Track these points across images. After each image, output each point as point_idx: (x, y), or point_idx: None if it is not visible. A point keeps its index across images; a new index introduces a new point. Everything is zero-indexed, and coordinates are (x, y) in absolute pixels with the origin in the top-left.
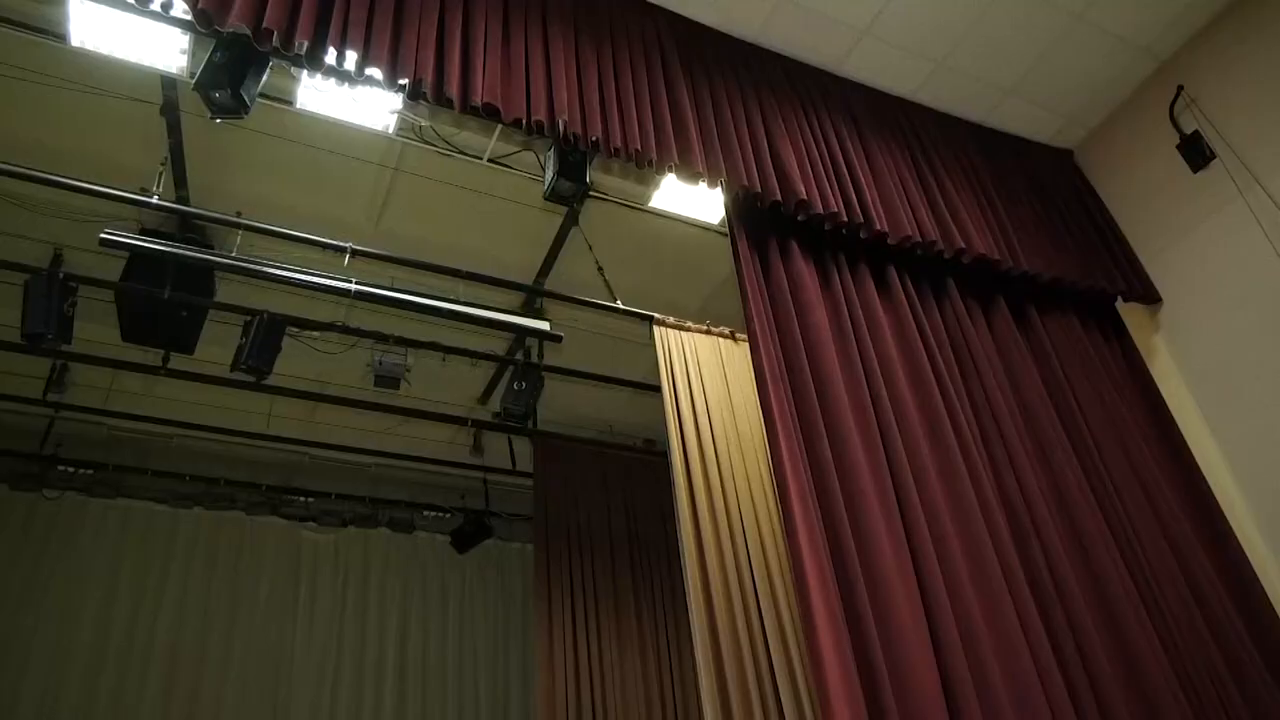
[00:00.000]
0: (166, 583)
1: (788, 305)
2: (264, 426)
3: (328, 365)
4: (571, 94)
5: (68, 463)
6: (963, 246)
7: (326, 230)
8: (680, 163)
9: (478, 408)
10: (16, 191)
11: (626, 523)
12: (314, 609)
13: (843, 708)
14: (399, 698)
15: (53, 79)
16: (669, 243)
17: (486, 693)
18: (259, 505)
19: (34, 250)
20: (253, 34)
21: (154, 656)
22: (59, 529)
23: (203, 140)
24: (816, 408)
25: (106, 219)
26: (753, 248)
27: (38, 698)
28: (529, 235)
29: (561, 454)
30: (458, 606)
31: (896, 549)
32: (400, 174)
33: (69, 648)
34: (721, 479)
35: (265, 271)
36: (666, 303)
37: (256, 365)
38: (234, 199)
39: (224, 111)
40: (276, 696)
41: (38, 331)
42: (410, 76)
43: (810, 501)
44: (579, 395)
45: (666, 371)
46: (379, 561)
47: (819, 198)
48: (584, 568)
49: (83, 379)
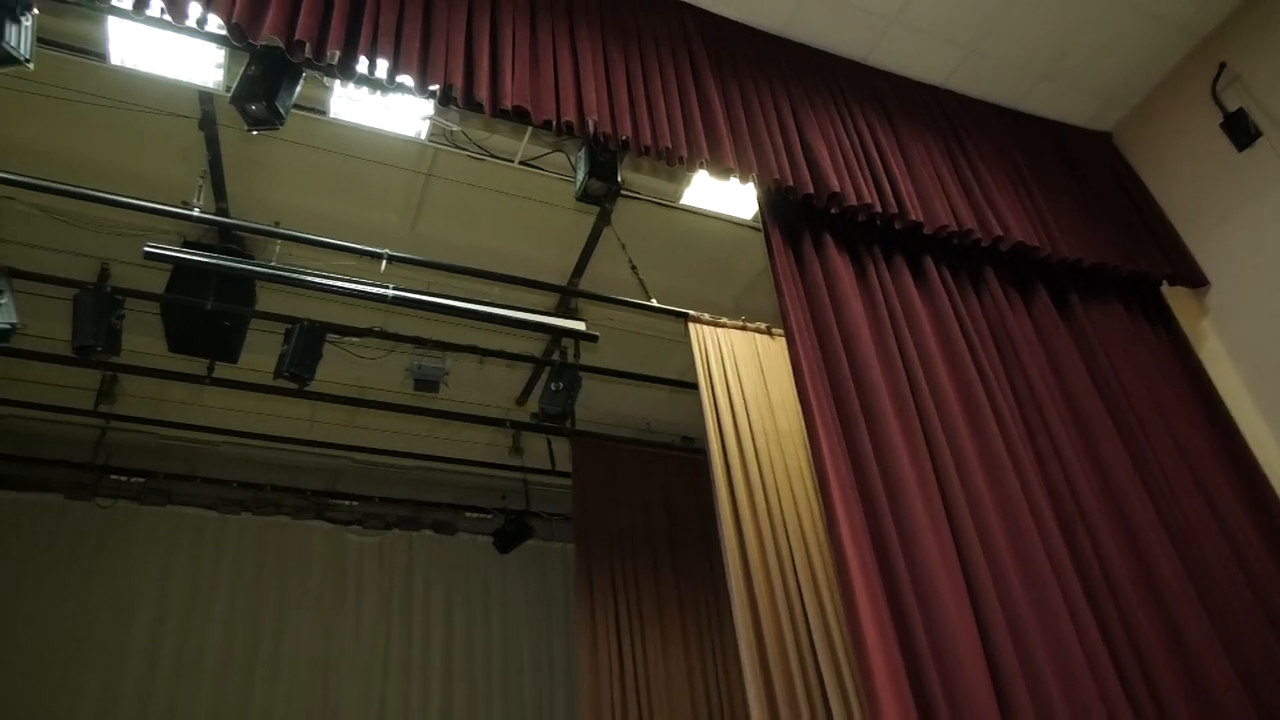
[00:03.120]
0: (217, 587)
1: (823, 299)
2: (307, 432)
3: (368, 371)
4: (600, 94)
5: (119, 471)
6: (1000, 234)
7: (363, 237)
8: (711, 159)
9: (516, 409)
10: (64, 209)
11: (666, 521)
12: (360, 611)
13: (890, 702)
14: (445, 698)
15: (94, 98)
16: (702, 239)
17: (531, 693)
18: (304, 510)
19: (82, 265)
20: (285, 46)
21: (206, 659)
22: (112, 536)
23: (240, 152)
24: (855, 400)
25: (150, 233)
26: (786, 242)
27: (97, 699)
28: (562, 236)
29: (600, 453)
30: (501, 607)
31: (939, 540)
32: (433, 179)
33: (125, 651)
34: (761, 475)
35: (304, 280)
36: (701, 300)
37: (298, 372)
38: (272, 209)
39: (260, 123)
40: (326, 698)
41: (87, 344)
42: (440, 82)
43: (851, 494)
44: (616, 394)
45: (703, 369)
46: (423, 563)
47: (852, 189)
48: (625, 567)
49: (132, 390)
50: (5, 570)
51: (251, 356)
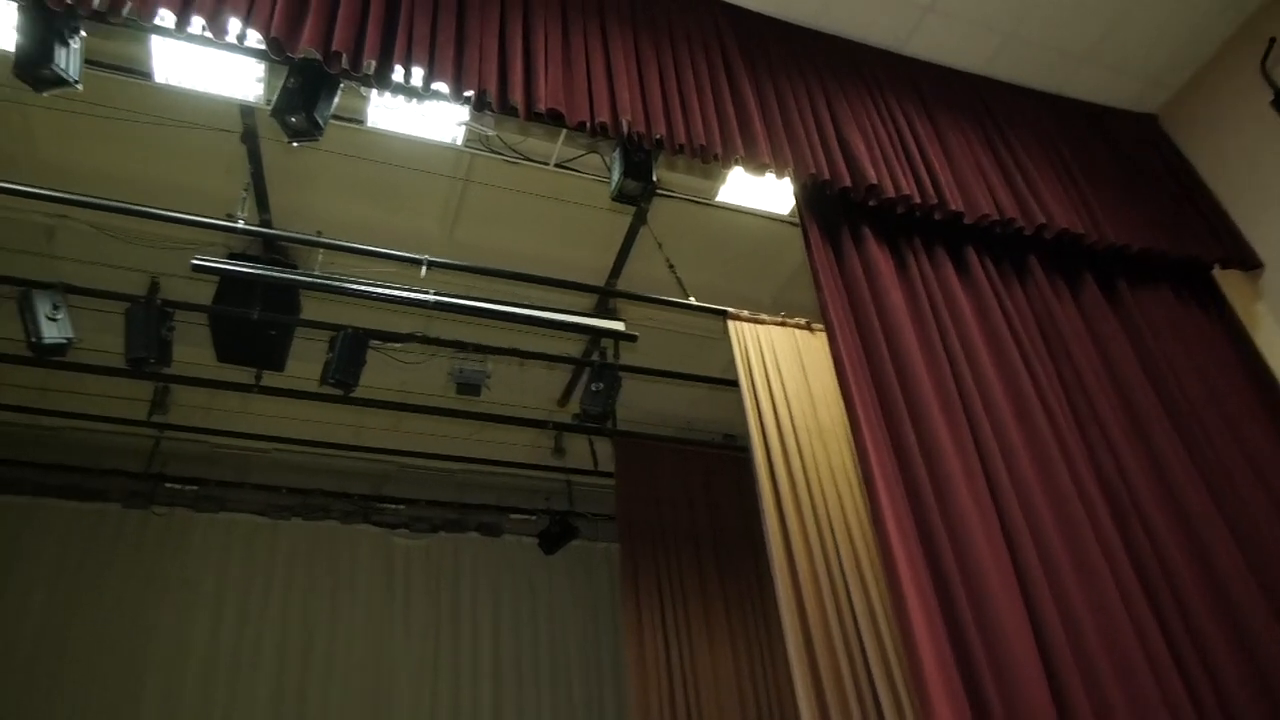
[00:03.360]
0: (270, 591)
1: (863, 292)
2: (353, 437)
3: (411, 375)
4: (633, 93)
5: (173, 480)
6: (1044, 222)
7: (402, 244)
8: (746, 155)
9: (557, 410)
10: (113, 225)
11: (710, 519)
12: (410, 613)
13: (942, 701)
14: (495, 699)
15: (140, 116)
16: (739, 236)
17: (580, 693)
18: (352, 514)
19: (132, 280)
20: (323, 57)
21: (262, 662)
22: (169, 543)
23: (282, 164)
24: (898, 394)
25: (197, 246)
26: (824, 236)
27: (160, 703)
28: (599, 237)
29: (642, 453)
30: (547, 608)
31: (989, 534)
32: (470, 184)
33: (185, 655)
34: (805, 471)
35: (346, 288)
36: (740, 296)
37: (343, 379)
38: (314, 219)
39: (300, 135)
40: (378, 699)
41: (140, 356)
42: (475, 88)
43: (897, 489)
44: (657, 394)
45: (744, 366)
46: (469, 565)
47: (890, 181)
48: (670, 566)
49: (183, 399)
50: (68, 579)
51: (297, 364)
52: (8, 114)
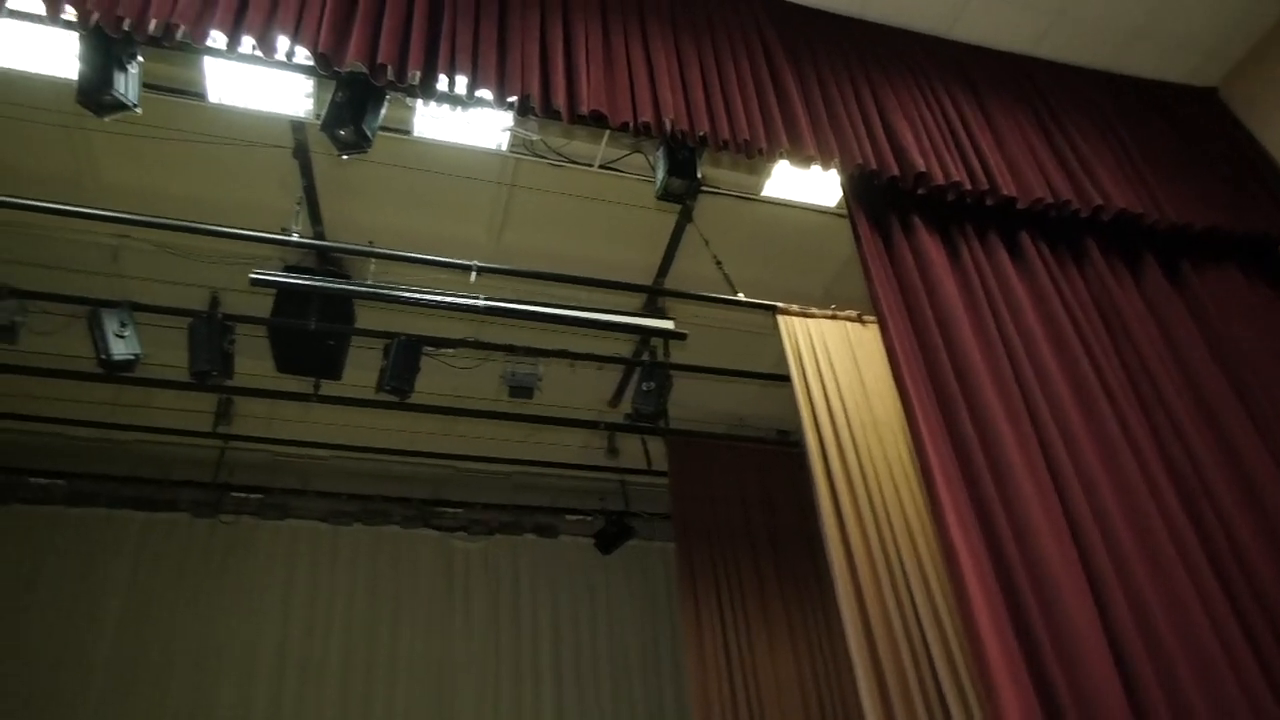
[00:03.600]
0: (335, 596)
1: (915, 282)
2: (410, 443)
3: (464, 380)
4: (675, 92)
5: (239, 489)
6: (1100, 203)
7: (451, 250)
8: (791, 148)
9: (609, 411)
10: (174, 243)
11: (765, 516)
12: (470, 615)
13: (1010, 696)
14: (557, 699)
15: (196, 135)
16: (786, 230)
17: (641, 692)
18: (412, 519)
19: (194, 295)
20: (369, 70)
21: (329, 666)
22: (237, 551)
23: (333, 177)
24: (954, 384)
25: (254, 260)
26: (873, 226)
27: (231, 708)
28: (645, 236)
29: (695, 451)
30: (606, 608)
31: (1052, 523)
32: (516, 189)
33: (254, 661)
34: (861, 465)
35: (399, 296)
36: (789, 291)
37: (399, 385)
38: (365, 229)
39: (349, 147)
40: (442, 701)
41: (203, 369)
42: (518, 93)
43: (956, 481)
44: (708, 391)
45: (795, 360)
46: (527, 567)
47: (939, 168)
48: (726, 564)
49: (245, 410)
50: (142, 587)
51: (354, 372)
52: (72, 139)
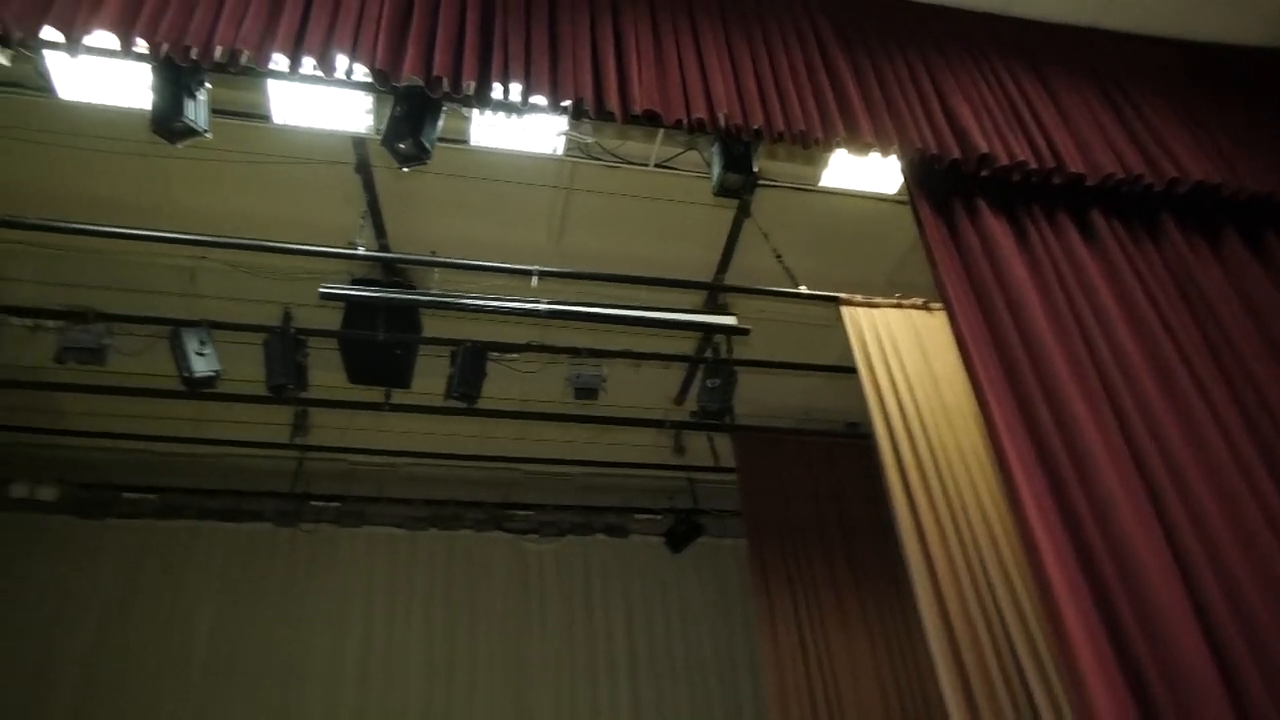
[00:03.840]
0: (413, 600)
1: (982, 267)
2: (480, 448)
3: (530, 384)
4: (728, 86)
5: (317, 498)
6: (1175, 175)
7: (512, 256)
8: (848, 136)
9: (675, 409)
10: (247, 261)
11: (837, 510)
12: (545, 616)
13: (1099, 687)
14: (634, 697)
15: (263, 157)
16: (846, 220)
17: (717, 688)
18: (485, 522)
19: (267, 311)
20: (425, 83)
21: (411, 669)
22: (318, 559)
23: (394, 190)
24: (1027, 370)
25: (323, 274)
26: (936, 212)
27: (321, 708)
28: (703, 233)
29: (763, 446)
30: (679, 606)
31: (1137, 509)
32: (573, 192)
33: (340, 664)
34: (933, 454)
35: (463, 303)
36: (852, 281)
37: (466, 392)
38: (428, 239)
39: (409, 160)
40: (521, 701)
41: (280, 383)
42: (571, 97)
43: (1034, 468)
44: (774, 386)
45: (861, 351)
46: (599, 567)
47: (1002, 149)
48: (799, 559)
49: (321, 421)
50: (231, 596)
51: (423, 380)
52: (149, 167)
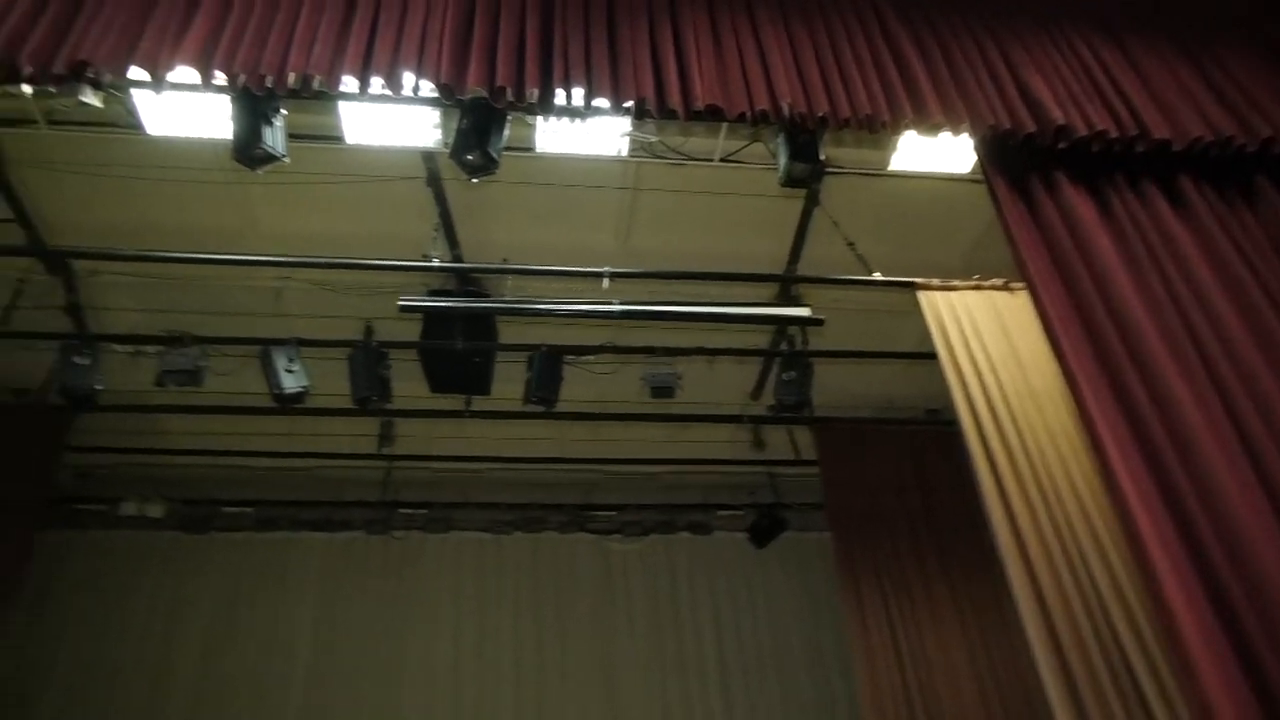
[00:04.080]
0: (502, 603)
1: (1064, 242)
2: (560, 450)
3: (606, 385)
4: (790, 76)
5: (406, 505)
6: (1270, 135)
7: (583, 259)
8: (916, 117)
9: (752, 404)
10: (329, 279)
11: (923, 499)
12: (632, 615)
13: (1215, 682)
14: (725, 694)
15: (338, 177)
16: (918, 202)
17: (809, 683)
18: (568, 524)
19: (349, 326)
20: (489, 94)
21: (502, 670)
22: (408, 565)
23: (465, 201)
24: (1118, 346)
25: (400, 287)
26: (1013, 188)
27: (418, 712)
28: (772, 225)
29: (844, 437)
30: (766, 601)
31: (1244, 491)
32: (640, 192)
33: (434, 668)
34: (1022, 439)
35: (537, 308)
36: (927, 265)
37: (544, 396)
38: (500, 247)
39: (478, 171)
40: (612, 700)
41: (365, 395)
42: (633, 98)
43: (1130, 449)
44: (851, 375)
45: (940, 336)
46: (684, 565)
47: (1080, 119)
48: (886, 550)
49: (405, 431)
50: (329, 604)
51: (502, 386)
52: (232, 195)
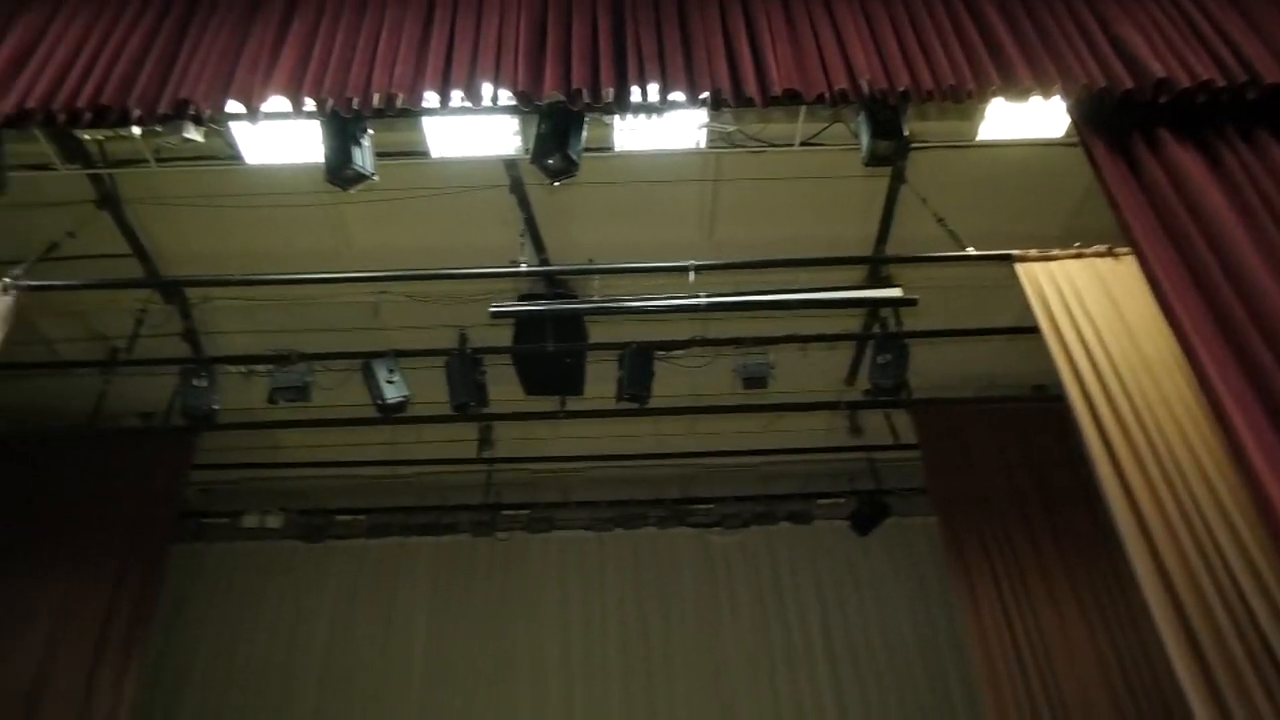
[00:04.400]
0: (606, 600)
1: (1171, 201)
2: (657, 446)
3: (698, 379)
4: (868, 51)
5: (508, 507)
6: None
7: (668, 254)
8: (1003, 84)
9: (847, 390)
10: (421, 291)
11: (1032, 478)
12: (737, 607)
13: None
14: (834, 683)
15: (425, 191)
16: (1011, 172)
17: (921, 670)
18: (668, 519)
19: (443, 336)
20: (566, 97)
21: (610, 665)
22: (514, 565)
23: (548, 205)
24: (1237, 308)
25: (491, 294)
26: (1112, 149)
27: (530, 709)
28: (858, 206)
29: (945, 419)
30: (872, 589)
31: None
32: (720, 183)
33: (544, 666)
34: (1135, 410)
35: (625, 306)
36: (1024, 236)
37: (636, 393)
38: (585, 248)
39: (559, 174)
40: (720, 692)
41: (463, 401)
42: (709, 89)
43: (1257, 416)
44: (949, 355)
45: (1042, 309)
46: (786, 555)
47: (1182, 70)
48: (996, 532)
49: (504, 434)
50: (440, 606)
51: (594, 386)
52: (327, 215)
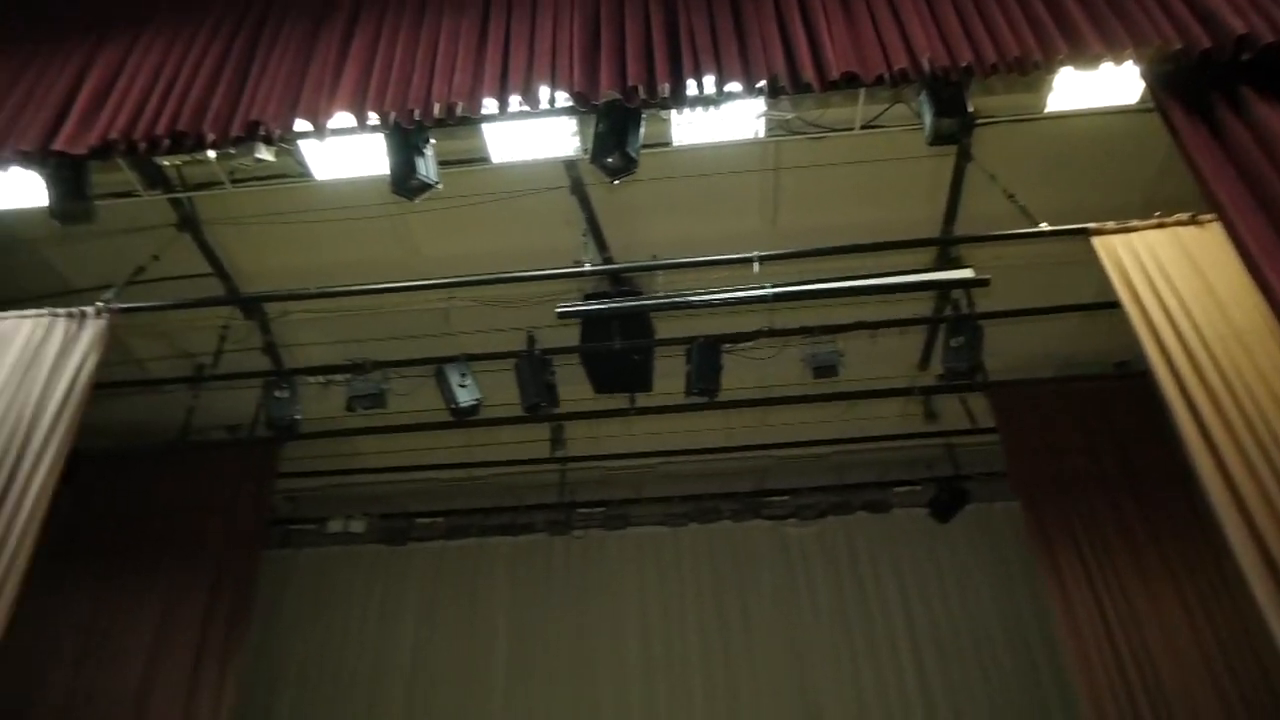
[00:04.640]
0: (684, 595)
1: (1258, 164)
2: (728, 439)
3: (768, 370)
4: (928, 29)
5: (583, 505)
6: None
7: (731, 246)
8: (1071, 53)
9: (920, 375)
10: (490, 295)
11: (1117, 457)
12: (816, 599)
13: None
14: (919, 673)
15: (488, 196)
16: (1083, 143)
17: (1009, 660)
18: (742, 512)
19: (512, 339)
20: (623, 95)
21: (690, 660)
22: (591, 563)
23: (609, 203)
24: None
25: (557, 295)
26: (1192, 113)
27: (613, 706)
28: (923, 187)
29: (1023, 400)
30: (955, 577)
31: None
32: (781, 172)
33: (624, 662)
34: (1227, 383)
35: (690, 301)
36: (1099, 208)
37: (705, 386)
38: (648, 245)
39: (618, 172)
40: (803, 685)
41: (534, 402)
42: (765, 77)
43: None
44: (1025, 335)
45: (1123, 283)
46: (864, 545)
47: (1264, 24)
48: (1082, 515)
49: (575, 433)
50: (520, 606)
51: (663, 381)
52: (394, 226)
